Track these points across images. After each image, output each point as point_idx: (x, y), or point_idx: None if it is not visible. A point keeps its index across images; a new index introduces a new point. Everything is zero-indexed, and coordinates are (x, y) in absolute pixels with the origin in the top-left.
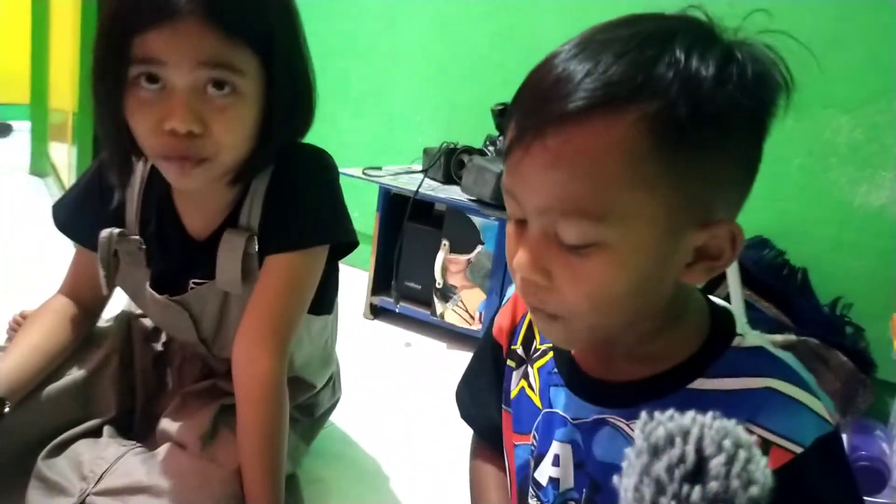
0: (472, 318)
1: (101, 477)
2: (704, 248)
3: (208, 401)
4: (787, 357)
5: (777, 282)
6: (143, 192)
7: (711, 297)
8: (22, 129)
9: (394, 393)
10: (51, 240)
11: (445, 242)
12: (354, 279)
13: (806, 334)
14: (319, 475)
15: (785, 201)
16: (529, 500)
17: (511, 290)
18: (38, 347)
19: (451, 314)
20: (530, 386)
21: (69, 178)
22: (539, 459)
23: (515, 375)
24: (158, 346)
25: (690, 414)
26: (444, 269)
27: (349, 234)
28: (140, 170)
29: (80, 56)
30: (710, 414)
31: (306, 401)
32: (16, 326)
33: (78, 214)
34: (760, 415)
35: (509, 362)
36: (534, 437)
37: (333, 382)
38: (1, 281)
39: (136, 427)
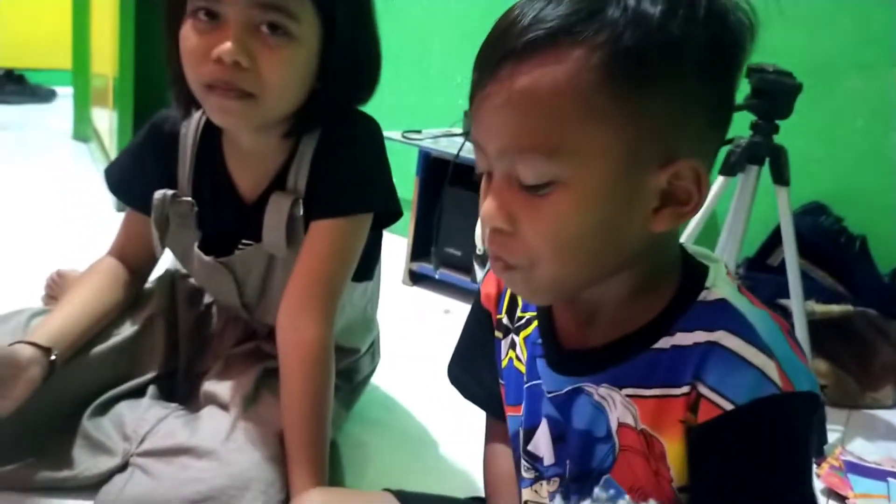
0: None
1: (143, 438)
2: (670, 191)
3: (251, 363)
4: (754, 313)
5: (834, 250)
6: (195, 154)
7: (690, 249)
8: (65, 94)
9: (433, 359)
10: (95, 204)
11: None
12: (393, 245)
13: (864, 305)
14: (360, 440)
15: (844, 165)
16: (524, 473)
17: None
18: (86, 305)
19: None
20: (518, 357)
21: (111, 143)
22: (530, 432)
23: (504, 345)
24: (201, 308)
25: None
26: (485, 235)
27: (394, 204)
28: (192, 132)
29: (120, 21)
30: None
31: (347, 366)
32: (53, 285)
33: (131, 177)
34: (703, 369)
35: (497, 333)
36: (523, 409)
37: (374, 348)
38: (45, 244)
39: (179, 388)
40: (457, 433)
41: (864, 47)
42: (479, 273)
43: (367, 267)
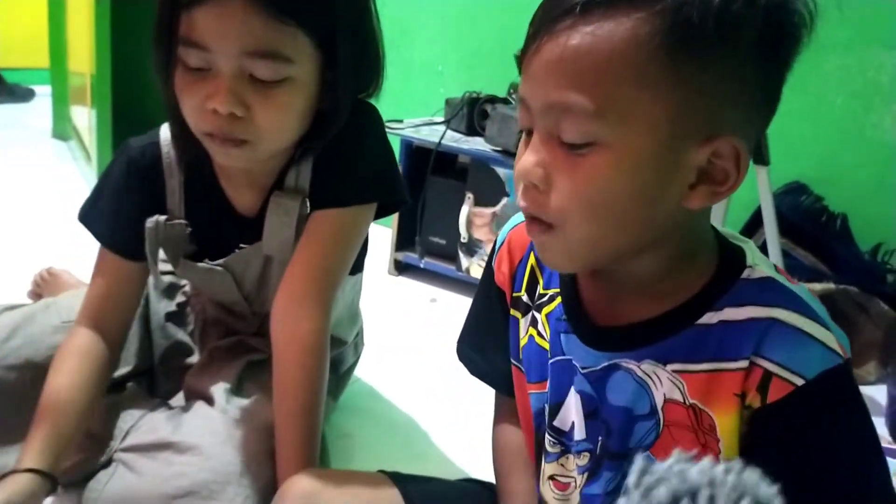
0: None
1: (127, 433)
2: (708, 168)
3: (235, 356)
4: (798, 289)
5: (815, 228)
6: (185, 174)
7: (722, 231)
8: (44, 93)
9: (420, 349)
10: (76, 202)
11: (470, 195)
12: (378, 235)
13: (845, 282)
14: (347, 430)
15: (824, 144)
16: (549, 447)
17: (503, 234)
18: (70, 405)
19: (476, 268)
20: (540, 334)
21: (91, 140)
22: (557, 407)
23: (523, 324)
24: (172, 306)
25: (699, 466)
26: (469, 223)
27: (401, 191)
28: (177, 155)
29: (96, 19)
30: (721, 467)
31: (333, 357)
32: (41, 282)
33: (120, 226)
34: (764, 345)
35: (514, 312)
36: (549, 384)
37: (358, 339)
38: (27, 242)
39: (159, 384)
40: (443, 421)
41: (843, 26)
42: (465, 261)
43: (360, 258)
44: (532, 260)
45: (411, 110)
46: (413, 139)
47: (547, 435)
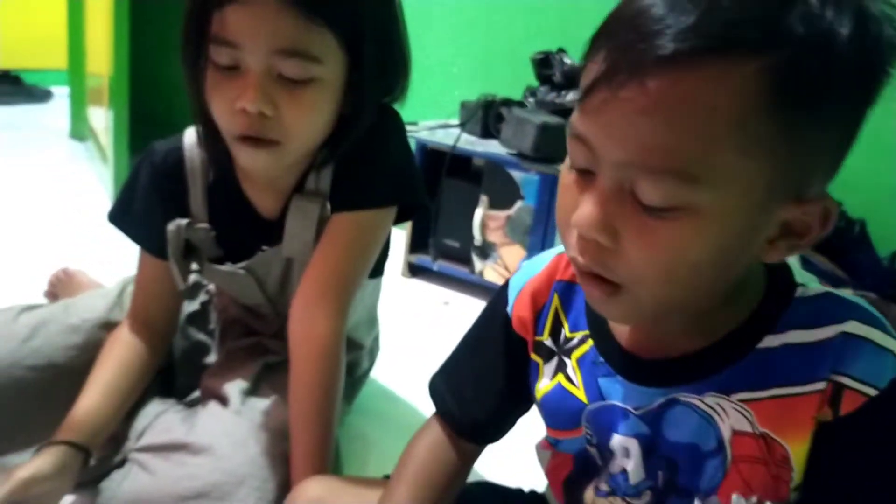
0: (512, 275)
1: (142, 433)
2: (791, 223)
3: (252, 358)
4: (858, 298)
5: (833, 234)
6: (207, 179)
7: None
8: (61, 94)
9: (433, 352)
10: (93, 202)
11: (484, 198)
12: (391, 237)
13: (863, 288)
14: (360, 432)
15: None
16: (601, 485)
17: (517, 285)
18: (112, 386)
19: (490, 272)
20: (570, 379)
21: (108, 141)
22: (607, 451)
23: (546, 370)
24: (196, 305)
25: None
26: (483, 226)
27: (422, 195)
28: (199, 158)
29: (114, 20)
30: None
31: (350, 361)
32: (57, 283)
33: (149, 227)
34: (842, 362)
35: (534, 357)
36: (587, 429)
37: (374, 344)
38: (43, 242)
39: (178, 383)
40: None
41: None
42: (478, 264)
43: (381, 262)
44: (556, 302)
45: (426, 112)
46: (428, 141)
47: (605, 476)
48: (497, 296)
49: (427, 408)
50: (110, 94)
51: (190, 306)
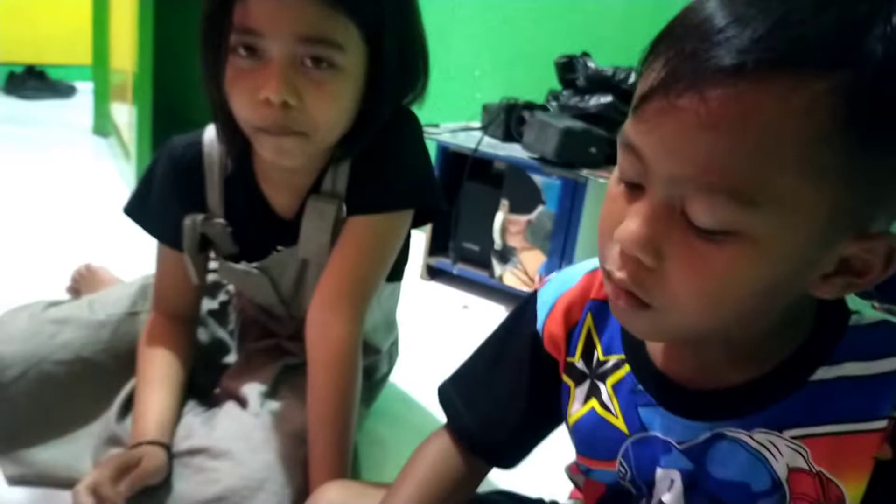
0: (532, 280)
1: None
2: (850, 259)
3: (271, 360)
4: None
5: None
6: (225, 174)
7: None
8: (85, 90)
9: (452, 355)
10: (115, 197)
11: (505, 202)
12: (411, 240)
13: (890, 301)
14: (379, 436)
15: None
16: None
17: (552, 297)
18: (171, 380)
19: (509, 276)
20: (605, 407)
21: (130, 137)
22: (649, 486)
23: (578, 394)
24: (215, 304)
25: None
26: (504, 230)
27: (438, 199)
28: (218, 153)
29: (139, 17)
30: None
31: (367, 365)
32: (80, 278)
33: (167, 220)
34: None
35: (566, 379)
36: (621, 464)
37: (393, 349)
38: (66, 238)
39: (199, 382)
40: None
41: None
42: (498, 268)
43: (400, 266)
44: (589, 321)
45: (447, 115)
46: (449, 144)
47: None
48: (521, 309)
49: (442, 413)
50: (134, 90)
51: (209, 304)
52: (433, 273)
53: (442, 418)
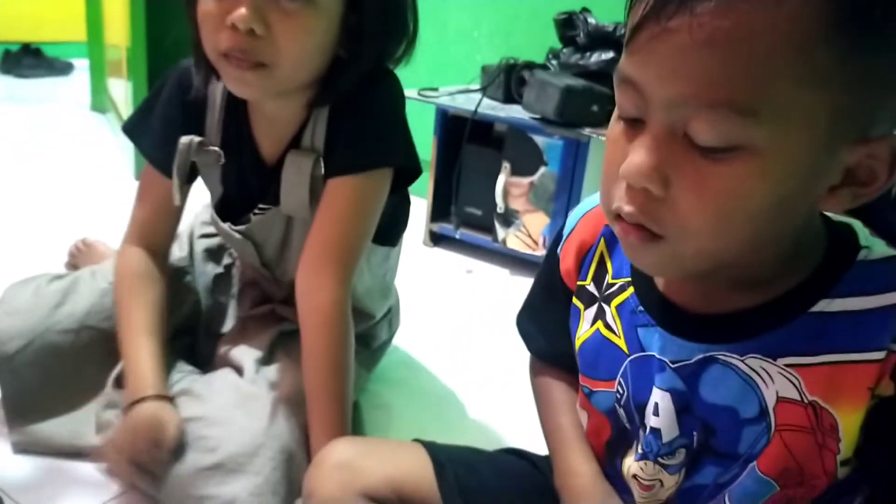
0: (536, 243)
1: None
2: (856, 168)
3: (267, 326)
4: None
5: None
6: (224, 107)
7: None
8: (82, 66)
9: (456, 320)
10: (115, 173)
11: (506, 165)
12: (413, 206)
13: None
14: (383, 400)
15: None
16: (637, 448)
17: (573, 221)
18: (155, 327)
19: (513, 239)
20: (608, 327)
21: (128, 113)
22: (641, 408)
23: (587, 316)
24: (220, 268)
25: None
26: (506, 193)
27: (412, 160)
28: (222, 87)
29: None
30: None
31: (364, 332)
32: (77, 253)
33: (165, 142)
34: None
35: (576, 302)
36: (619, 384)
37: (391, 316)
38: (67, 213)
39: (201, 349)
40: (480, 392)
41: None
42: (501, 232)
43: (393, 232)
44: (602, 246)
45: (446, 78)
46: (449, 107)
47: (641, 433)
48: (558, 232)
49: (447, 377)
50: (128, 65)
51: (215, 269)
52: (436, 239)
53: (445, 381)
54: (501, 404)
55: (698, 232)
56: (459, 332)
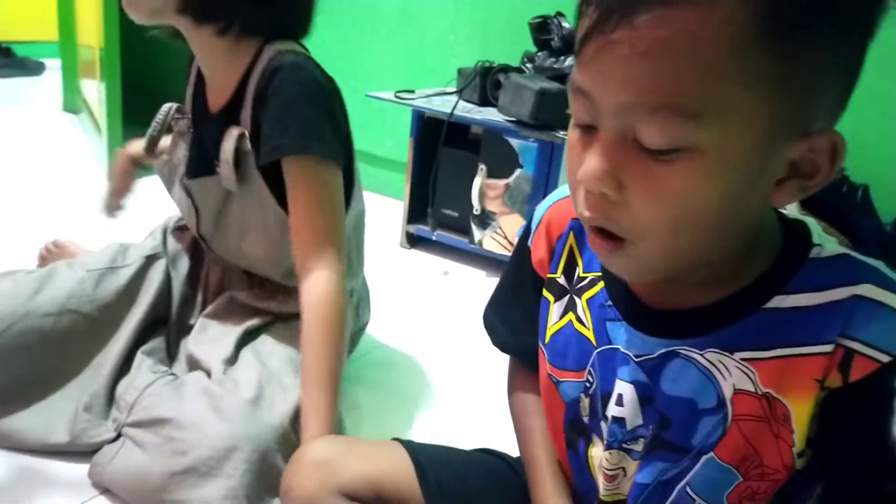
0: (511, 244)
1: (132, 406)
2: (799, 162)
3: (232, 322)
4: (876, 262)
5: (835, 199)
6: (196, 78)
7: (780, 210)
8: (54, 66)
9: (433, 321)
10: (88, 174)
11: (482, 167)
12: (389, 208)
13: (865, 254)
14: (357, 401)
15: (846, 114)
16: (601, 437)
17: (540, 212)
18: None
19: (489, 241)
20: (580, 320)
21: (101, 114)
22: (606, 398)
23: (557, 307)
24: (199, 258)
25: None
26: (482, 195)
27: (325, 145)
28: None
29: None
30: None
31: None
32: (47, 255)
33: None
34: (850, 325)
35: (546, 294)
36: (589, 373)
37: (358, 303)
38: (40, 215)
39: (171, 340)
40: (455, 393)
41: None
42: (477, 234)
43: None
44: (571, 240)
45: (423, 80)
46: (425, 110)
47: (602, 424)
48: (526, 225)
49: (423, 379)
50: (101, 66)
51: (185, 260)
52: (413, 240)
53: (421, 382)
54: (478, 405)
55: (655, 231)
56: (436, 333)
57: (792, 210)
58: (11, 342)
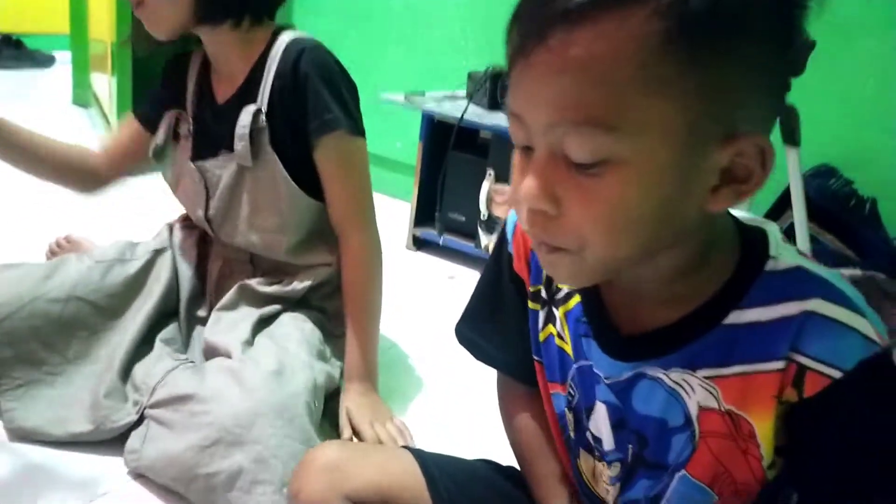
0: None
1: (153, 390)
2: (731, 168)
3: (243, 312)
4: (830, 274)
5: (843, 212)
6: (198, 76)
7: (739, 217)
8: (64, 59)
9: (438, 325)
10: None
11: (491, 172)
12: (397, 210)
13: (872, 268)
14: None
15: (854, 127)
16: (585, 451)
17: (512, 219)
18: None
19: None
20: (559, 334)
21: (111, 108)
22: (588, 412)
23: (541, 317)
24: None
25: None
26: (490, 200)
27: (349, 122)
28: (199, 61)
29: None
30: None
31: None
32: (57, 250)
33: (150, 101)
34: (800, 341)
35: (532, 304)
36: (570, 387)
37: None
38: (47, 209)
39: (182, 331)
40: (462, 396)
41: (875, 7)
42: (484, 239)
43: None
44: None
45: (433, 83)
46: (434, 113)
47: (586, 435)
48: (502, 231)
49: (427, 383)
50: (113, 60)
51: (198, 254)
52: (419, 244)
53: (429, 386)
54: (482, 410)
55: (593, 242)
56: (441, 337)
57: (801, 222)
58: (17, 323)
